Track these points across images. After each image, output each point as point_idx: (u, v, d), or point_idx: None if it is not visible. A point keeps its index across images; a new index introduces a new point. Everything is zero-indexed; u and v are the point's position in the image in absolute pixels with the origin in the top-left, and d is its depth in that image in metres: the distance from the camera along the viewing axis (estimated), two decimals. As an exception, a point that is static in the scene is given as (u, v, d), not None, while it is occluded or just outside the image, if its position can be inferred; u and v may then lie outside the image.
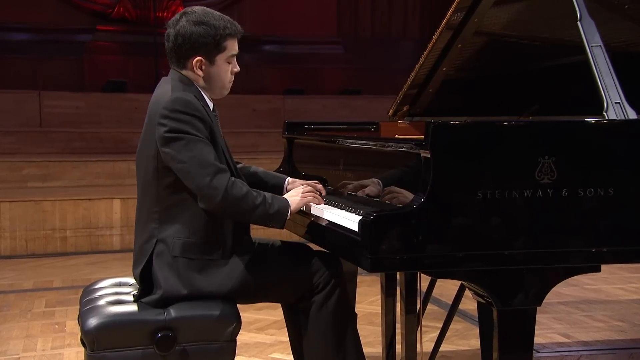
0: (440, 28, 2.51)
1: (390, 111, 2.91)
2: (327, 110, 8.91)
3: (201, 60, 2.04)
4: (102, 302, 2.06)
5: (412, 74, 2.71)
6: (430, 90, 2.78)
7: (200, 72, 2.05)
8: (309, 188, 2.18)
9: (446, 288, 3.94)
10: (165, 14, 9.23)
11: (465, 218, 1.74)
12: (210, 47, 2.04)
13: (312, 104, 8.98)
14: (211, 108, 2.10)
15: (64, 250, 5.53)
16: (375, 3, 10.84)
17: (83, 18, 9.47)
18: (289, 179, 2.36)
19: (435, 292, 3.03)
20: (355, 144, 2.29)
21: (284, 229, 2.14)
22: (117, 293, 2.16)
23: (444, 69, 2.68)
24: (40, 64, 8.88)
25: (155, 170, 2.00)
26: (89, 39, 9.36)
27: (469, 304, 2.79)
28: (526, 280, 1.79)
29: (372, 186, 2.13)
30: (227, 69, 2.09)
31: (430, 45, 2.57)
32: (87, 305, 2.06)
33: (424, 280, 2.56)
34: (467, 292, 2.04)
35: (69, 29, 9.26)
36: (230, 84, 2.14)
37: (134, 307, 2.00)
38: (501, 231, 1.76)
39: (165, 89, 2.03)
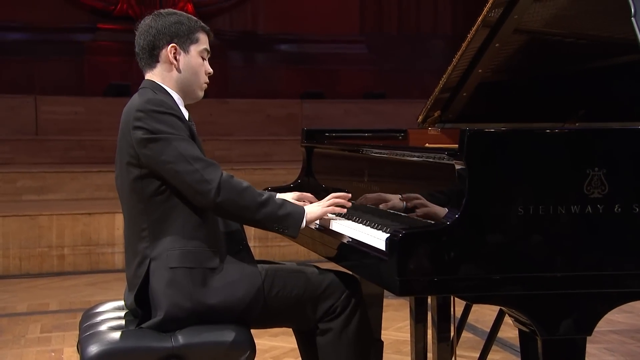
0: (475, 25, 2.50)
1: (420, 117, 2.91)
2: (348, 115, 8.93)
3: (175, 47, 2.12)
4: (103, 327, 2.08)
5: (444, 76, 2.70)
6: (465, 94, 2.78)
7: (174, 62, 2.12)
8: (333, 200, 2.19)
9: (483, 313, 3.91)
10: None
11: (505, 236, 1.73)
12: (183, 34, 2.13)
13: (332, 109, 9.02)
14: (187, 117, 2.14)
15: (61, 270, 5.58)
16: (401, -3, 10.86)
17: (83, 16, 9.62)
18: (295, 194, 2.37)
19: (471, 318, 3.02)
20: (381, 153, 2.29)
21: (302, 247, 2.15)
22: (120, 317, 2.17)
23: (480, 70, 2.68)
24: (36, 66, 9.01)
25: (137, 180, 2.04)
26: (89, 39, 9.49)
27: (509, 331, 2.77)
28: (574, 306, 1.77)
29: (395, 201, 2.13)
30: (201, 63, 2.17)
31: (464, 45, 2.57)
32: (87, 330, 2.07)
33: (458, 305, 2.54)
34: (507, 318, 2.03)
35: (68, 28, 9.40)
36: (205, 85, 2.21)
37: (138, 333, 2.01)
38: (545, 251, 1.74)
39: (134, 97, 2.11)
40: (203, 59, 2.17)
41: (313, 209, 2.13)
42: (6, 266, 5.46)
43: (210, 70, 2.20)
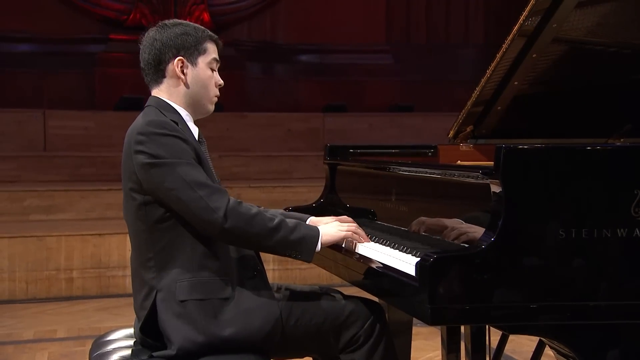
0: (511, 35, 2.50)
1: (451, 132, 2.90)
2: (373, 130, 8.94)
3: (182, 60, 2.12)
4: (115, 356, 2.08)
5: (476, 88, 2.70)
6: (499, 107, 2.77)
7: (182, 76, 2.12)
8: (354, 229, 2.18)
9: (521, 344, 3.86)
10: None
11: (544, 261, 1.72)
12: (190, 45, 2.13)
13: (356, 122, 9.03)
14: (196, 135, 2.14)
15: (70, 294, 5.61)
16: (430, 4, 10.88)
17: (93, 26, 9.76)
18: (311, 218, 2.31)
19: (508, 348, 2.98)
20: (409, 171, 2.28)
21: (324, 271, 2.14)
22: (132, 346, 2.17)
23: (516, 83, 2.67)
24: (45, 79, 9.15)
25: (141, 207, 2.03)
26: (101, 50, 9.62)
27: (549, 363, 2.73)
28: (620, 338, 1.74)
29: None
30: (210, 75, 2.16)
31: (498, 55, 2.57)
32: (97, 360, 2.08)
33: (494, 334, 2.51)
34: (548, 349, 2.00)
35: (78, 39, 9.55)
36: (216, 99, 2.20)
37: (151, 364, 2.01)
38: (588, 278, 1.73)
39: (137, 119, 2.11)
40: (212, 70, 2.16)
41: (330, 231, 2.12)
42: (12, 290, 5.50)
43: (221, 82, 2.19)
